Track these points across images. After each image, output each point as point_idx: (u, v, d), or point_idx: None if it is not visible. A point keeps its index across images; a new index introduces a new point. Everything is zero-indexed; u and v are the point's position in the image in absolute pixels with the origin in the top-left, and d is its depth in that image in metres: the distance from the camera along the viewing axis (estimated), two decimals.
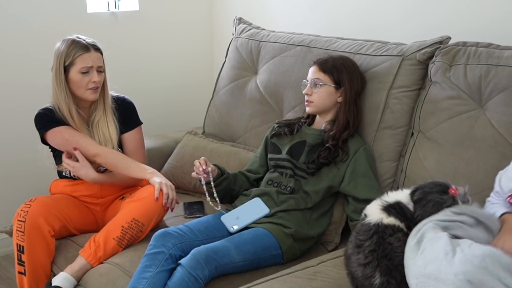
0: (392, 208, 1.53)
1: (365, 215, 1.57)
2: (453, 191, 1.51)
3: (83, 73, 2.19)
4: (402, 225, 1.51)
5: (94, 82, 2.21)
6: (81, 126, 2.25)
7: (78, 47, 2.18)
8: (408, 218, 1.51)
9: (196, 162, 2.12)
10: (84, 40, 2.22)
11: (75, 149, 2.20)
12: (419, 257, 1.39)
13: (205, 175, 2.11)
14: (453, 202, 1.50)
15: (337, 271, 1.79)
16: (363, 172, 2.10)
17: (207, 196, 2.11)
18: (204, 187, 2.12)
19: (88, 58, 2.19)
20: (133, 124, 2.37)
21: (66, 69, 2.19)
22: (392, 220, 1.51)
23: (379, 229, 1.49)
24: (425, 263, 1.36)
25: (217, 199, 2.12)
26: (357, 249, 1.52)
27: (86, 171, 2.21)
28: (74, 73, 2.19)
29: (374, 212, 1.54)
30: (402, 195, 1.56)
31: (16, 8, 2.84)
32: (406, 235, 1.48)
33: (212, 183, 2.12)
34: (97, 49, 2.23)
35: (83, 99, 2.25)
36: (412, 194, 1.56)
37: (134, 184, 2.36)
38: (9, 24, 2.83)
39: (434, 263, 1.33)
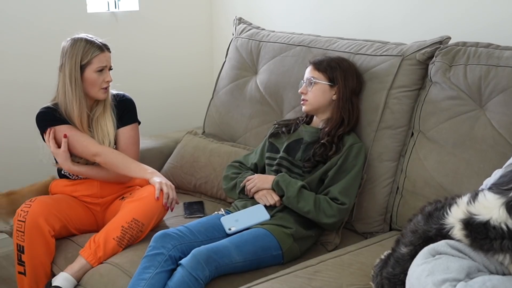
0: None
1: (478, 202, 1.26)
2: None
3: (98, 71, 2.22)
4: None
5: (107, 81, 2.26)
6: (85, 127, 2.27)
7: (95, 47, 2.22)
8: None
9: None
10: (96, 39, 2.25)
11: (65, 136, 2.22)
12: (430, 261, 1.33)
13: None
14: None
15: (337, 271, 1.79)
16: (348, 168, 2.09)
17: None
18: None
19: (103, 58, 2.24)
20: (129, 120, 2.38)
21: (82, 68, 2.21)
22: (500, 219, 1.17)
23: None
24: (430, 271, 1.31)
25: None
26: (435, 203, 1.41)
27: (63, 160, 2.25)
28: (89, 72, 2.22)
29: (494, 206, 1.19)
30: None
31: (16, 8, 2.83)
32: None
33: None
34: (108, 49, 2.28)
35: (94, 98, 2.28)
36: None
37: (120, 182, 2.35)
38: (9, 24, 2.83)
39: (436, 278, 1.28)
